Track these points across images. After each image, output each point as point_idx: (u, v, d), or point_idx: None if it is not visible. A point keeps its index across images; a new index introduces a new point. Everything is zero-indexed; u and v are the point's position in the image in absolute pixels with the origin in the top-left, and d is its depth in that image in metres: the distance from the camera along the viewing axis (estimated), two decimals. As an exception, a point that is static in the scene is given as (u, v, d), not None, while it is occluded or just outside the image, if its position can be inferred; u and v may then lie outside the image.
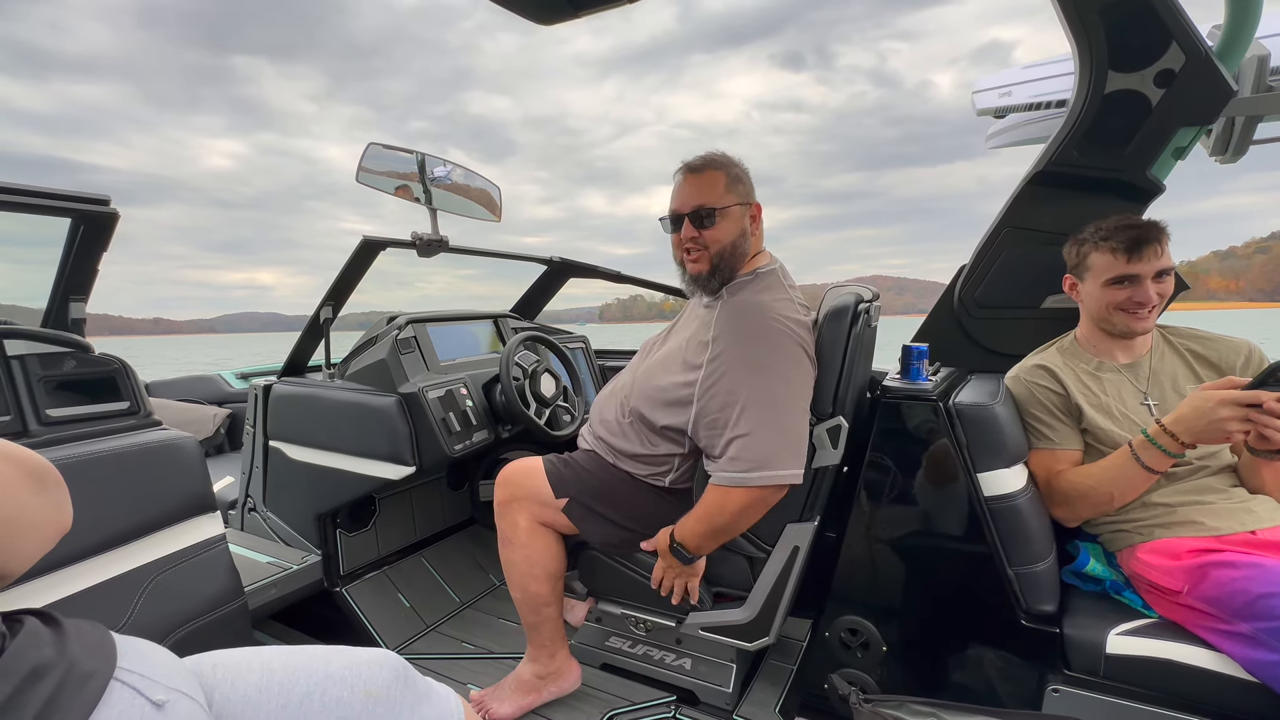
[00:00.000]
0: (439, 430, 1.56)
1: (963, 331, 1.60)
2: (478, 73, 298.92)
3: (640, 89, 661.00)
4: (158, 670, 0.51)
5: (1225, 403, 0.98)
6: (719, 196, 1.21)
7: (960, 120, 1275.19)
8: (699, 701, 1.36)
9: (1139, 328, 1.19)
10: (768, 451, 1.08)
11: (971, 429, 1.13)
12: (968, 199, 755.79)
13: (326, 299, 1.73)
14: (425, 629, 1.74)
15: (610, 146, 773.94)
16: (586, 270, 2.33)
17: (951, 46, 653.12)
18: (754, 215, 1.26)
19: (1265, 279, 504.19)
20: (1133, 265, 1.16)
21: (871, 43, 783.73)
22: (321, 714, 0.59)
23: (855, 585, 1.25)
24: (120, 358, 1.15)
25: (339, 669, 0.63)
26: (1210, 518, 1.07)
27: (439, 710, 0.69)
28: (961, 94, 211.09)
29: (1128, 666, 1.00)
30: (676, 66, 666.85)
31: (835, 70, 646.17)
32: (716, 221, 1.21)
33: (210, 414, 2.78)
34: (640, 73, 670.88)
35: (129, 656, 0.51)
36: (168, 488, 1.06)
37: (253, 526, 1.84)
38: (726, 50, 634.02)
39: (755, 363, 1.12)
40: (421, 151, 1.75)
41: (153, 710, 0.47)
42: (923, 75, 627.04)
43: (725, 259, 1.22)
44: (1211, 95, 1.25)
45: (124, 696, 0.46)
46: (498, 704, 1.34)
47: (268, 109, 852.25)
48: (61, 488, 0.56)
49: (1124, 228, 1.17)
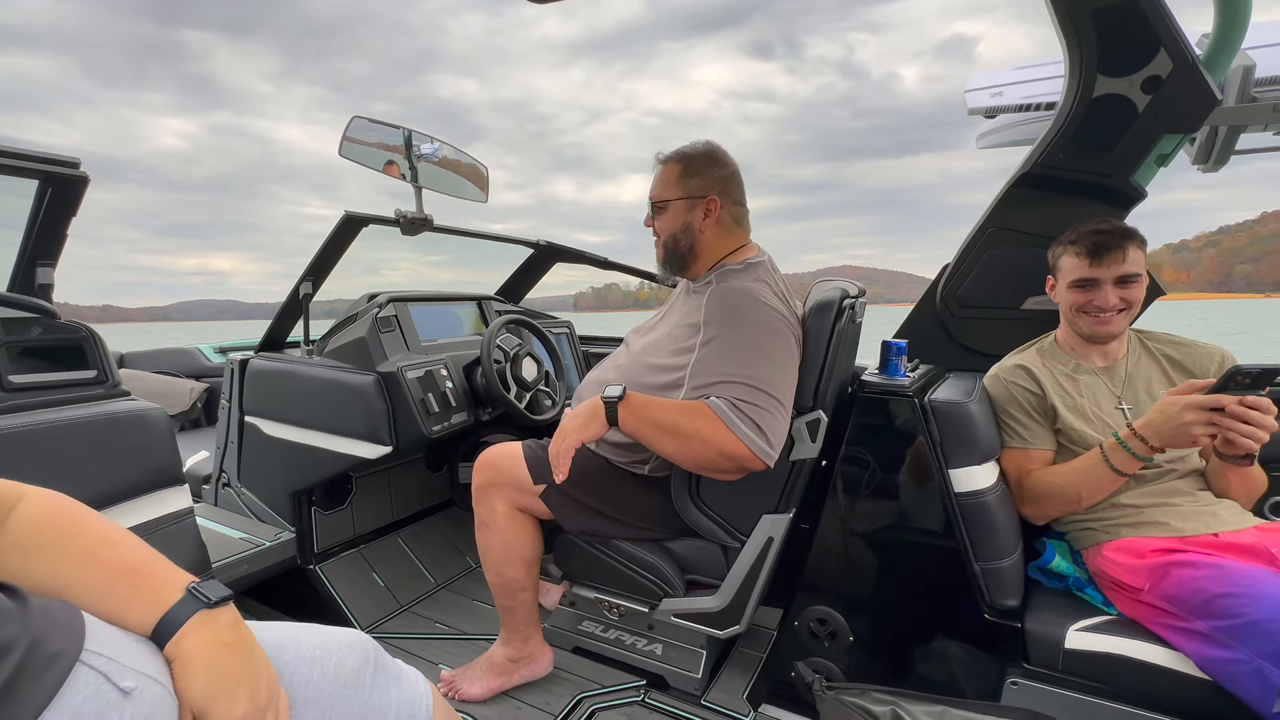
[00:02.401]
0: (417, 410, 1.54)
1: (943, 330, 1.61)
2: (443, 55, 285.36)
3: (609, 75, 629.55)
4: (127, 654, 0.49)
5: (1189, 407, 1.00)
6: (664, 189, 1.28)
7: (925, 113, 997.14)
8: (668, 686, 1.37)
9: (1099, 331, 1.21)
10: (759, 421, 1.06)
11: (945, 426, 1.14)
12: (932, 191, 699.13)
13: (306, 274, 1.70)
14: (399, 609, 1.74)
15: (580, 133, 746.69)
16: (573, 255, 2.31)
17: (917, 39, 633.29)
18: (708, 209, 1.25)
19: (1215, 271, 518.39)
20: (1094, 269, 1.19)
21: (839, 34, 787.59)
22: (290, 694, 0.59)
23: (826, 576, 1.27)
24: (89, 325, 1.12)
25: (310, 649, 0.63)
26: (1176, 519, 1.10)
27: (408, 694, 0.69)
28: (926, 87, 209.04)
29: (1085, 661, 1.03)
30: (645, 53, 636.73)
31: (804, 60, 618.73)
32: (661, 213, 1.29)
33: (187, 388, 2.74)
34: (609, 59, 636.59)
35: (98, 638, 0.48)
36: (134, 459, 1.04)
37: (227, 502, 1.82)
38: (695, 38, 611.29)
39: (748, 346, 1.12)
40: (408, 127, 1.72)
41: (119, 698, 0.45)
42: (889, 68, 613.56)
43: (669, 250, 1.29)
44: (1196, 103, 1.26)
45: (89, 682, 0.44)
46: (468, 684, 1.35)
47: (221, 87, 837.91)
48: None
49: (1091, 232, 1.19)
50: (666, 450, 1.12)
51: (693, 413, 1.09)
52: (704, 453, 1.08)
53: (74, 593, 0.51)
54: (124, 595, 0.53)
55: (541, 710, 1.30)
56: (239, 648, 0.54)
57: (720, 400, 1.08)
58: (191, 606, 0.53)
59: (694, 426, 1.08)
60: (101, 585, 0.53)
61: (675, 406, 1.12)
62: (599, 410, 1.13)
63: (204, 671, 0.51)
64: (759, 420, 1.06)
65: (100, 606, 0.51)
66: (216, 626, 0.54)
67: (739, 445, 1.05)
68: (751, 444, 1.05)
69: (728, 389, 1.08)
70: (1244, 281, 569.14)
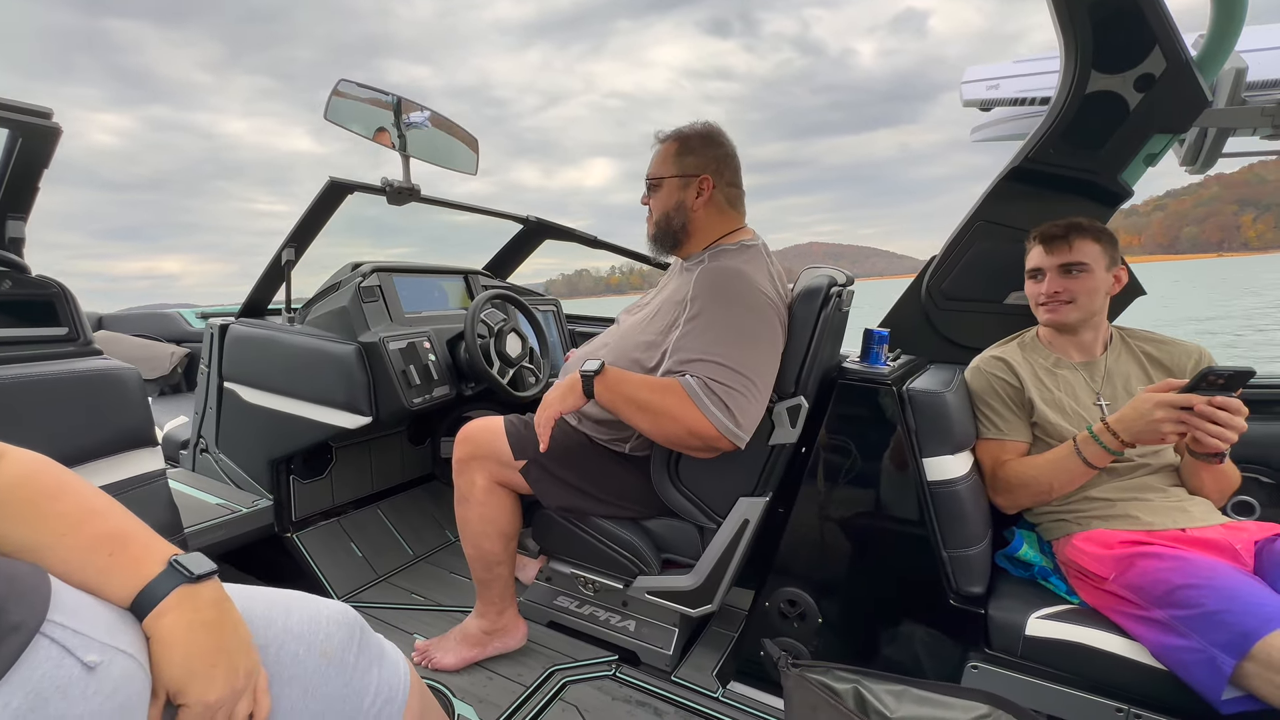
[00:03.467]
0: (398, 382, 1.53)
1: (927, 321, 1.62)
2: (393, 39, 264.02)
3: (567, 57, 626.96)
4: (96, 625, 0.46)
5: (1160, 405, 1.02)
6: (658, 167, 1.28)
7: (882, 88, 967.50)
8: (640, 662, 1.40)
9: (1048, 320, 1.28)
10: (729, 404, 1.06)
11: (922, 415, 1.16)
12: (891, 165, 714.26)
13: (289, 240, 1.67)
14: (376, 579, 1.75)
15: (539, 117, 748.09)
16: (563, 232, 2.29)
17: (871, 14, 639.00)
18: (701, 188, 1.25)
19: (1163, 234, 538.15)
20: (1041, 259, 1.27)
21: (794, 9, 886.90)
22: (275, 668, 0.58)
23: (798, 559, 1.29)
24: (60, 281, 1.10)
25: (298, 623, 0.62)
26: (1146, 513, 1.13)
27: (388, 675, 0.68)
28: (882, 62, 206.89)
29: (1044, 648, 1.06)
30: (602, 33, 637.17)
31: (761, 38, 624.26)
32: (655, 191, 1.29)
33: (167, 352, 2.70)
34: (566, 40, 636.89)
35: (64, 609, 0.45)
36: (104, 418, 1.02)
37: (204, 468, 1.81)
38: (652, 16, 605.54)
39: (733, 327, 1.11)
40: (397, 94, 1.68)
41: (82, 673, 0.42)
42: (845, 43, 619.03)
43: (660, 227, 1.29)
44: (1187, 104, 1.26)
45: (50, 655, 0.41)
46: (441, 654, 1.36)
47: (156, 79, 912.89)
48: None
49: (1050, 225, 1.26)
50: (641, 425, 1.13)
51: (665, 390, 1.10)
52: (674, 430, 1.09)
53: (51, 559, 0.49)
54: (103, 565, 0.50)
55: (513, 681, 1.32)
56: (218, 627, 0.52)
57: (693, 379, 1.08)
58: (171, 580, 0.51)
59: (665, 404, 1.09)
60: (81, 553, 0.50)
61: (649, 383, 1.12)
62: (576, 383, 1.16)
63: (180, 651, 0.50)
64: (730, 402, 1.06)
65: (78, 576, 0.49)
66: (196, 604, 0.52)
67: (706, 425, 1.06)
68: (720, 424, 1.05)
69: (704, 368, 1.08)
70: (1190, 243, 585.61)
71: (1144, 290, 1.38)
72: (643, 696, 1.29)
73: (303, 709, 0.60)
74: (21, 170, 1.14)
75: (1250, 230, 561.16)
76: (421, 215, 1.94)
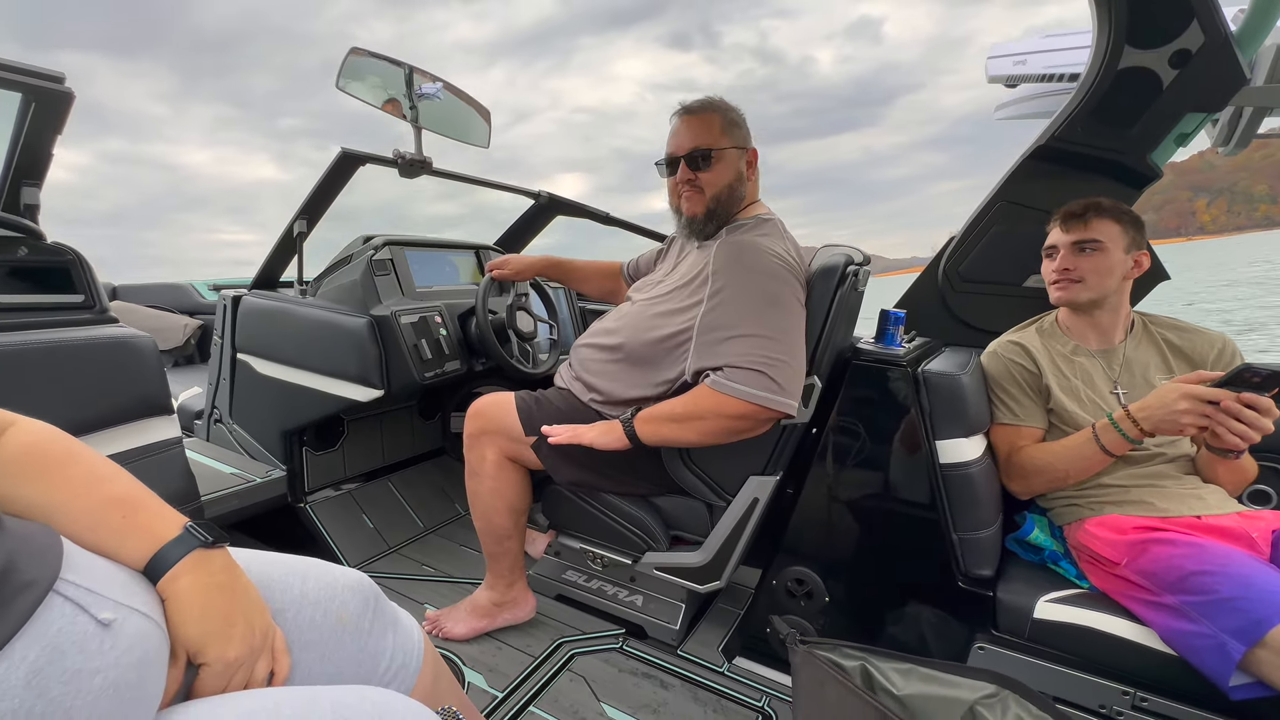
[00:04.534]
0: (410, 356, 1.54)
1: (943, 303, 1.60)
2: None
3: (531, 74, 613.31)
4: (110, 585, 0.46)
5: (1186, 396, 1.00)
6: (715, 138, 1.19)
7: (843, 93, 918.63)
8: (647, 636, 1.41)
9: (1055, 296, 1.26)
10: (772, 375, 1.06)
11: (936, 397, 1.15)
12: (856, 168, 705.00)
13: (301, 212, 1.66)
14: (387, 550, 1.77)
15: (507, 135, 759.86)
16: (574, 208, 2.27)
17: (827, 22, 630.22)
18: (750, 161, 1.23)
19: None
20: (1058, 236, 1.24)
21: (752, 21, 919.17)
22: (292, 633, 0.59)
23: (807, 538, 1.29)
24: (75, 249, 1.10)
25: (315, 589, 0.63)
26: (1161, 500, 1.11)
27: (403, 641, 0.70)
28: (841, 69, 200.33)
29: (1052, 631, 1.06)
30: (565, 50, 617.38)
31: (721, 49, 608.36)
32: (713, 164, 1.20)
33: (181, 323, 2.72)
34: (529, 58, 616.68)
35: (77, 568, 0.45)
36: (120, 385, 1.03)
37: (219, 438, 1.83)
38: (614, 32, 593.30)
39: (760, 295, 1.10)
40: (409, 64, 1.66)
41: (97, 630, 0.42)
42: (803, 51, 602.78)
43: (721, 202, 1.22)
44: (1224, 81, 1.22)
45: (64, 613, 0.42)
46: (451, 624, 1.38)
47: (109, 112, 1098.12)
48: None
49: (1073, 203, 1.24)
50: (692, 438, 1.14)
51: (696, 396, 1.12)
52: (722, 424, 1.10)
53: (63, 521, 0.50)
54: (117, 526, 0.51)
55: (522, 651, 1.34)
56: (232, 590, 0.53)
57: (717, 376, 1.09)
58: (187, 544, 0.52)
59: (700, 406, 1.10)
60: (93, 515, 0.51)
61: (679, 399, 1.13)
62: (616, 428, 1.18)
63: (197, 612, 0.51)
64: (771, 372, 1.06)
65: (90, 538, 0.50)
66: (210, 568, 0.53)
67: (745, 405, 1.06)
68: (760, 399, 1.05)
69: (737, 345, 1.08)
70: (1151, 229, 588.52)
71: (1168, 275, 1.35)
72: (649, 669, 1.30)
73: (319, 673, 0.61)
74: (35, 136, 1.13)
75: (1205, 215, 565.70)
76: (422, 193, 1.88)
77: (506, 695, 1.21)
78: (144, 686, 0.45)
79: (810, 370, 1.17)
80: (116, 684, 0.42)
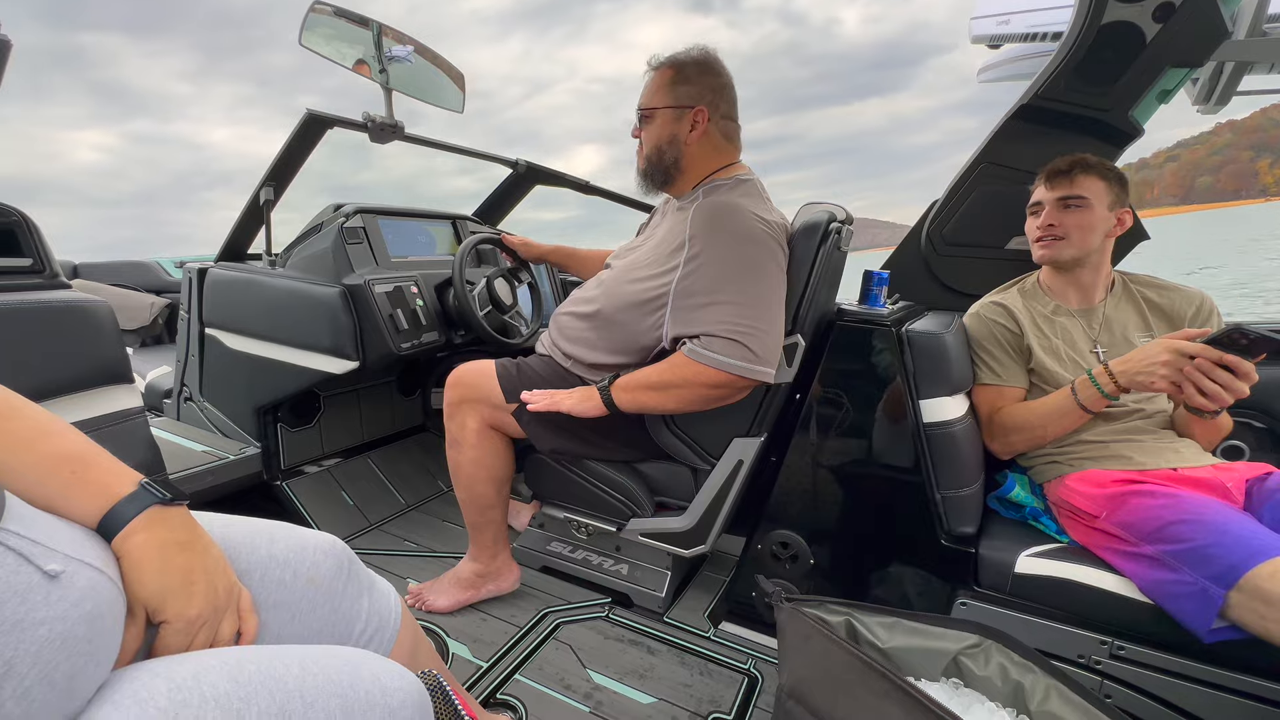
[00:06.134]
0: (385, 326, 1.49)
1: (926, 267, 1.60)
2: None
3: (547, 43, 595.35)
4: (57, 538, 0.44)
5: (1169, 349, 1.00)
6: (651, 96, 1.22)
7: (869, 55, 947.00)
8: (632, 604, 1.41)
9: (1038, 253, 1.26)
10: (748, 344, 1.05)
11: (920, 356, 1.14)
12: (881, 136, 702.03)
13: (267, 179, 1.60)
14: (368, 526, 1.74)
15: (524, 107, 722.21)
16: (553, 177, 2.22)
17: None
18: (695, 120, 1.19)
19: (1176, 185, 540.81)
20: (1042, 193, 1.24)
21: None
22: (259, 593, 0.57)
23: (791, 501, 1.29)
24: (20, 209, 1.03)
25: (283, 550, 0.61)
26: (1138, 454, 1.13)
27: (379, 605, 0.68)
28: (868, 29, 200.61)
29: (1033, 584, 1.07)
30: (582, 17, 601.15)
31: (743, 12, 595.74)
32: (647, 122, 1.23)
33: (148, 302, 2.63)
34: (545, 26, 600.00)
35: (20, 519, 0.43)
36: (75, 352, 0.98)
37: (189, 417, 1.77)
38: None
39: (738, 261, 1.09)
40: (378, 21, 1.59)
41: (42, 580, 0.40)
42: (829, 12, 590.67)
43: (651, 161, 1.23)
44: (1207, 34, 1.21)
45: (5, 562, 0.39)
46: (434, 596, 1.36)
47: (136, 93, 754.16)
48: None
49: (1058, 159, 1.23)
50: (669, 405, 1.14)
51: (673, 364, 1.11)
52: (699, 392, 1.10)
53: (7, 478, 0.47)
54: (65, 481, 0.48)
55: (507, 622, 1.33)
56: (191, 546, 0.51)
57: (693, 344, 1.08)
58: (143, 501, 0.50)
59: (677, 374, 1.10)
60: (38, 470, 0.48)
61: (656, 367, 1.12)
62: (593, 394, 1.17)
63: (155, 568, 0.48)
64: (747, 341, 1.05)
65: (38, 492, 0.47)
66: (169, 524, 0.50)
67: (721, 374, 1.07)
68: (735, 368, 1.05)
69: (714, 312, 1.07)
70: (1207, 192, 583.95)
71: (1148, 235, 1.35)
72: (636, 636, 1.30)
73: (290, 633, 0.59)
74: None
75: (1268, 176, 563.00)
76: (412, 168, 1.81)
77: (491, 664, 1.20)
78: (96, 640, 0.42)
79: (794, 328, 1.15)
80: (65, 636, 0.40)
